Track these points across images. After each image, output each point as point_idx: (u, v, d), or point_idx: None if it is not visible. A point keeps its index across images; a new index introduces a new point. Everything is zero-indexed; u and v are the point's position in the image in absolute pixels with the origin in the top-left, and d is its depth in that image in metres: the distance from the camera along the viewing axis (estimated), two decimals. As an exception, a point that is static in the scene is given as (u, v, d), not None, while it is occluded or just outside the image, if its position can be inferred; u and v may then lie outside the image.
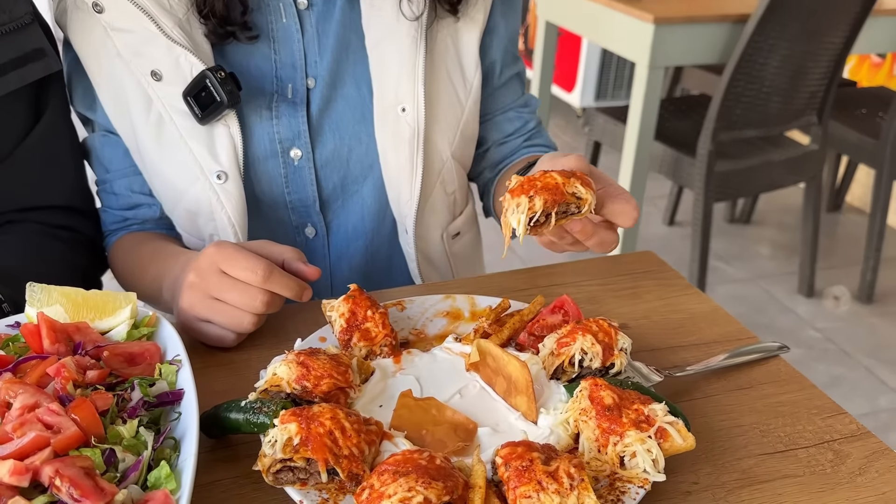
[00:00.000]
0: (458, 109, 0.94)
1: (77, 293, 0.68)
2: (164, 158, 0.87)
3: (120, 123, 0.89)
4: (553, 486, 0.52)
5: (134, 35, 0.84)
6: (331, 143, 0.91)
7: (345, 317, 0.69)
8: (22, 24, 0.85)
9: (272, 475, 0.55)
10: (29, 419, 0.55)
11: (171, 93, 0.84)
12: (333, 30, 0.90)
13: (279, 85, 0.89)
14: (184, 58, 0.83)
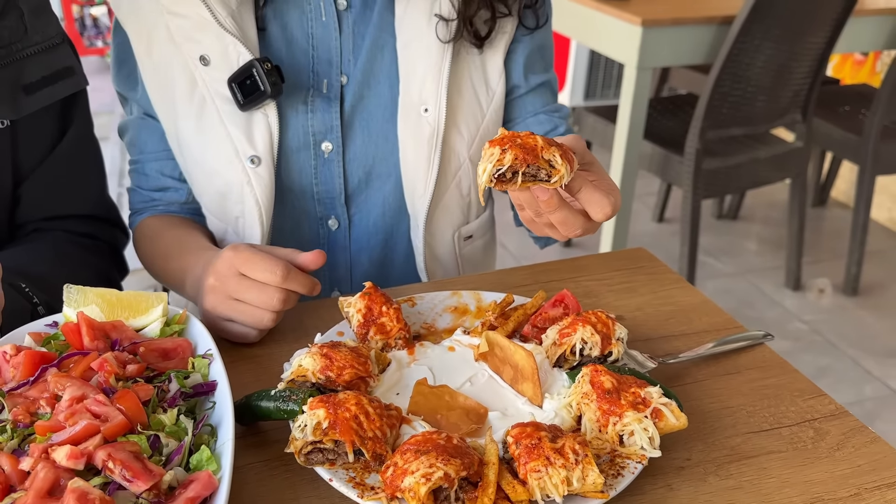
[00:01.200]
0: (479, 114, 0.98)
1: (111, 293, 0.73)
2: (202, 140, 0.92)
3: (161, 104, 0.94)
4: (560, 461, 0.57)
5: (188, 20, 0.89)
6: (359, 138, 0.96)
7: (361, 312, 0.75)
8: (53, 44, 0.90)
9: (304, 456, 0.60)
10: (78, 409, 0.60)
11: (216, 77, 0.90)
12: (369, 31, 0.95)
13: (315, 80, 0.95)
14: (233, 46, 0.89)
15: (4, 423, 0.60)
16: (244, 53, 0.88)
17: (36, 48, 0.89)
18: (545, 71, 1.05)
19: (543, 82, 1.04)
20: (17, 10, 0.88)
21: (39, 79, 0.90)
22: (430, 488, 0.55)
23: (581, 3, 2.51)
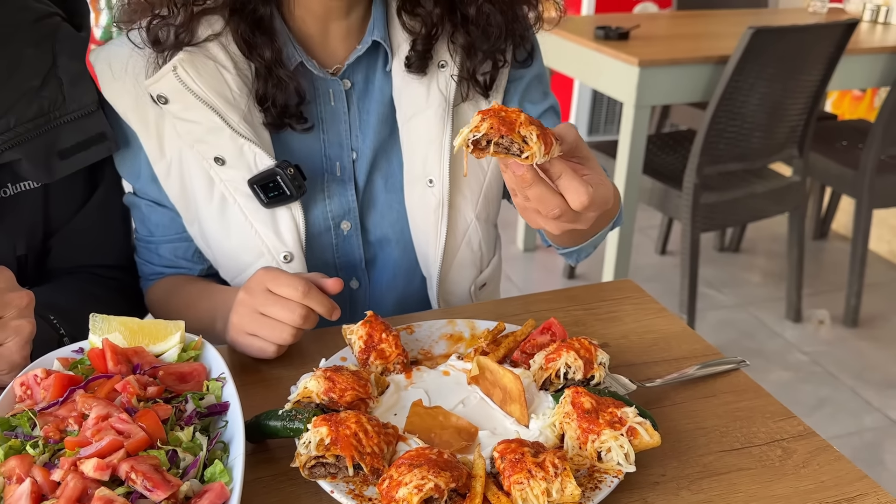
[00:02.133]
0: (481, 174, 1.02)
1: (133, 322, 0.80)
2: (229, 236, 0.96)
3: (180, 200, 0.97)
4: (541, 473, 0.63)
5: (199, 125, 0.91)
6: (374, 212, 1.02)
7: (363, 339, 0.81)
8: (89, 112, 0.95)
9: (307, 470, 0.66)
10: (104, 426, 0.66)
11: (234, 177, 0.92)
12: (374, 107, 0.99)
13: (328, 164, 0.99)
14: (248, 147, 0.91)
15: (36, 438, 0.66)
16: (260, 154, 0.91)
17: (72, 116, 0.95)
18: (545, 97, 1.08)
19: (546, 109, 1.07)
20: (57, 79, 0.94)
21: (74, 144, 0.96)
22: (421, 498, 0.60)
23: (581, 45, 2.60)
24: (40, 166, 0.93)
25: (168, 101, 0.91)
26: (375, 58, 0.99)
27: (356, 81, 0.99)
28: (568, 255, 1.06)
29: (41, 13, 0.97)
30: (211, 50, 0.91)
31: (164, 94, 0.91)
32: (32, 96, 0.92)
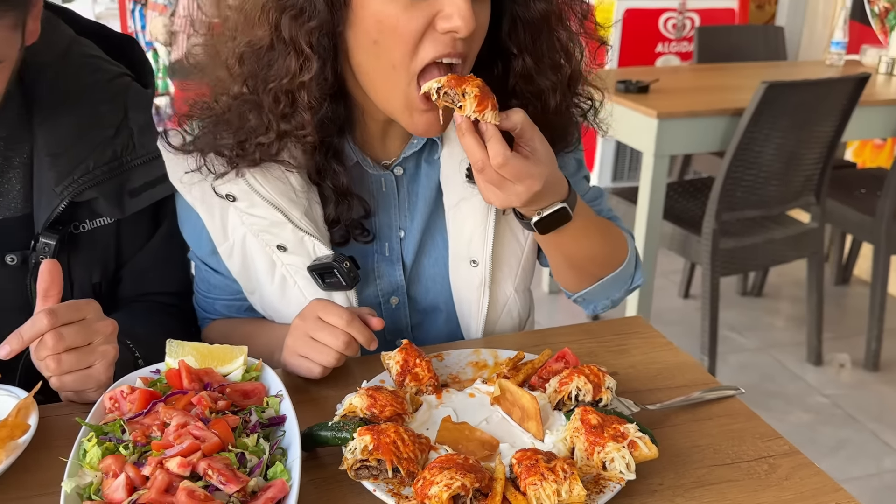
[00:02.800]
0: (519, 250, 1.09)
1: (203, 346, 0.92)
2: (288, 307, 1.05)
3: (242, 277, 1.07)
4: (552, 476, 0.73)
5: (264, 220, 1.00)
6: (420, 288, 1.11)
7: (399, 364, 0.93)
8: (155, 156, 1.08)
9: (353, 472, 0.77)
10: (183, 432, 0.78)
11: (294, 262, 1.02)
12: (422, 191, 1.08)
13: (378, 245, 1.08)
14: (308, 238, 1.00)
15: (126, 442, 0.79)
16: (319, 245, 1.00)
17: (141, 160, 1.09)
18: (579, 169, 1.16)
19: (580, 179, 1.15)
20: (128, 129, 1.09)
21: (142, 184, 1.10)
22: (450, 494, 0.72)
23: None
24: (114, 204, 1.07)
25: (236, 199, 1.01)
26: (425, 147, 1.07)
27: (407, 168, 1.08)
28: (582, 303, 1.16)
29: (114, 74, 1.13)
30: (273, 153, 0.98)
31: (232, 194, 1.00)
32: (107, 144, 1.07)
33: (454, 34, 0.87)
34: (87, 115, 1.07)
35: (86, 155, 1.05)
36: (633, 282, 1.16)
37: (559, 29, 0.97)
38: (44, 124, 1.06)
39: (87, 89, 1.08)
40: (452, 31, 0.87)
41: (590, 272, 1.09)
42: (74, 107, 1.07)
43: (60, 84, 1.07)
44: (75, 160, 1.05)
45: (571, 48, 0.99)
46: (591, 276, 1.10)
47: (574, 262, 1.08)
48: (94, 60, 1.12)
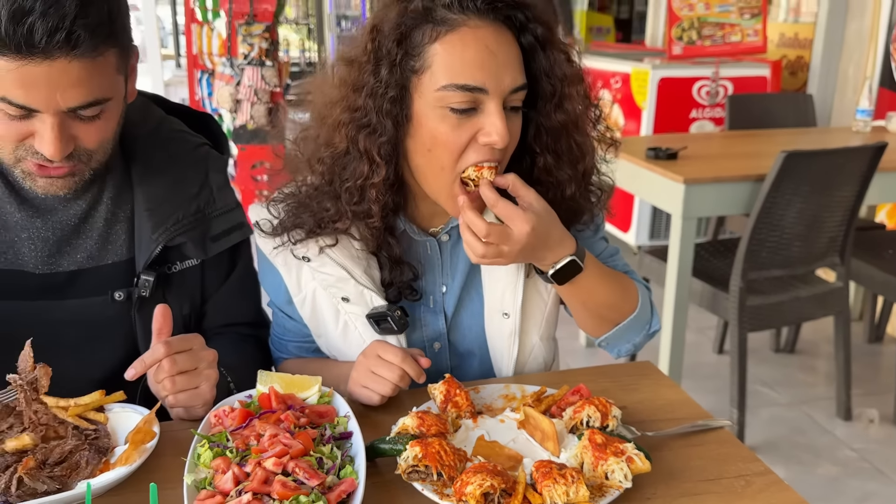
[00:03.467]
0: (543, 304, 1.30)
1: (286, 376, 1.15)
2: (350, 348, 1.27)
3: (312, 322, 1.29)
4: (562, 480, 0.93)
5: (331, 276, 1.23)
6: (459, 335, 1.32)
7: (443, 393, 1.14)
8: (231, 208, 1.34)
9: (406, 475, 0.98)
10: (274, 441, 1.00)
11: (355, 311, 1.23)
12: (462, 255, 1.27)
13: (424, 298, 1.29)
14: (366, 292, 1.22)
15: (231, 448, 1.01)
16: (376, 297, 1.22)
17: (220, 211, 1.32)
18: (595, 233, 1.33)
19: (597, 240, 1.35)
20: (209, 187, 1.33)
21: (221, 231, 1.33)
22: (481, 492, 0.91)
23: (635, 163, 2.95)
24: (198, 247, 1.30)
25: (310, 260, 1.24)
26: None
27: (451, 235, 1.28)
28: (606, 347, 1.35)
29: (196, 144, 1.37)
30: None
31: (307, 256, 1.24)
32: (193, 199, 1.30)
33: (493, 146, 1.10)
34: (176, 177, 1.30)
35: (175, 208, 1.28)
36: (651, 327, 1.35)
37: (575, 134, 1.19)
38: (142, 185, 1.28)
39: (176, 156, 1.32)
40: (491, 144, 1.10)
41: (606, 318, 1.29)
42: (166, 171, 1.30)
43: (155, 153, 1.30)
44: (167, 213, 1.27)
45: (585, 148, 1.21)
46: (609, 321, 1.29)
47: (590, 309, 1.27)
48: (180, 134, 1.36)
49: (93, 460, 1.01)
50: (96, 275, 1.28)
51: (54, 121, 1.06)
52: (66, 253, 1.26)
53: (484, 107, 1.10)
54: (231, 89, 4.88)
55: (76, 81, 1.04)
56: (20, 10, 0.98)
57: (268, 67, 4.78)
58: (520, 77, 1.12)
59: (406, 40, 1.10)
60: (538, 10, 1.13)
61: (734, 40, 4.20)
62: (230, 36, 4.77)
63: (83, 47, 1.02)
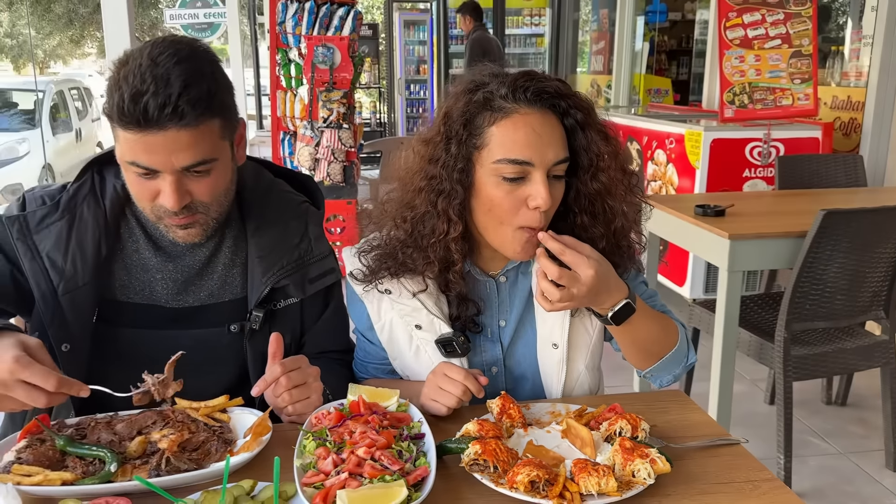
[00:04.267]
0: (588, 338, 1.50)
1: (370, 388, 1.40)
2: (419, 370, 1.50)
3: (389, 347, 1.53)
4: (595, 474, 1.14)
5: (407, 306, 1.47)
6: (515, 362, 1.53)
7: (499, 406, 1.37)
8: (325, 255, 1.59)
9: (468, 467, 1.21)
10: (364, 436, 1.25)
11: (425, 337, 1.46)
12: (518, 294, 1.50)
13: (484, 329, 1.50)
14: (436, 321, 1.45)
15: (330, 440, 1.26)
16: (444, 325, 1.45)
17: (316, 258, 1.57)
18: (636, 277, 1.58)
19: (638, 283, 1.59)
20: (308, 238, 1.57)
21: (317, 274, 1.56)
22: (529, 480, 1.14)
23: (684, 220, 3.15)
24: (298, 288, 1.55)
25: (391, 293, 1.49)
26: (521, 263, 1.51)
27: (509, 277, 1.52)
28: (650, 378, 1.56)
29: (299, 200, 1.62)
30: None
31: (389, 289, 1.49)
32: (295, 248, 1.54)
33: (538, 209, 1.35)
34: (282, 229, 1.55)
35: (281, 256, 1.53)
36: (688, 359, 1.55)
37: (608, 199, 1.43)
38: (254, 236, 1.54)
39: (282, 212, 1.57)
40: (537, 208, 1.35)
41: (652, 352, 1.49)
42: (273, 224, 1.55)
43: (265, 209, 1.56)
44: (275, 260, 1.52)
45: (616, 211, 1.44)
46: (654, 355, 1.50)
47: (638, 344, 1.48)
48: (286, 194, 1.62)
49: (220, 448, 1.28)
50: (216, 310, 1.56)
51: (172, 178, 1.32)
52: (192, 291, 1.54)
53: (531, 177, 1.34)
54: (311, 149, 5.29)
55: (185, 146, 1.29)
56: (138, 92, 1.24)
57: (344, 130, 5.18)
58: (561, 152, 1.36)
59: (470, 123, 1.37)
60: (577, 99, 1.39)
61: (785, 104, 4.38)
62: (311, 101, 5.20)
63: (188, 118, 1.27)
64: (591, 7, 9.45)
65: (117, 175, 1.47)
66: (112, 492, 1.14)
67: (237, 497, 1.11)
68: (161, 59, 1.26)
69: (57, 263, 1.42)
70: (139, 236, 1.51)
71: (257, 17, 12.11)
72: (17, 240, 1.43)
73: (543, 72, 1.40)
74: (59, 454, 1.23)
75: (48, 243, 1.44)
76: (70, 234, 1.45)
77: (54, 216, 1.45)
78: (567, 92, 1.37)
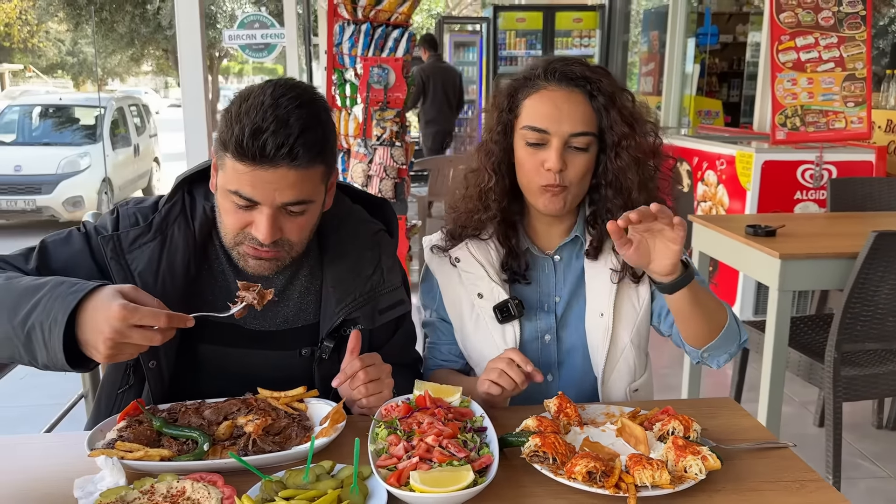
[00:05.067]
0: (634, 314, 1.65)
1: (435, 385, 1.50)
2: (478, 338, 1.66)
3: (453, 315, 1.69)
4: (650, 467, 1.22)
5: (472, 275, 1.66)
6: (566, 332, 1.66)
7: (556, 405, 1.45)
8: (396, 286, 1.61)
9: (528, 458, 1.30)
10: (431, 427, 1.34)
11: (485, 305, 1.63)
12: (571, 272, 1.67)
13: (539, 303, 1.67)
14: (496, 288, 1.63)
15: (400, 429, 1.36)
16: (501, 293, 1.63)
17: (387, 289, 1.58)
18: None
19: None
20: (381, 269, 1.59)
21: (387, 306, 1.58)
22: (587, 470, 1.22)
23: (736, 239, 3.19)
24: (368, 319, 1.56)
25: (460, 261, 1.68)
26: (575, 243, 1.69)
27: (563, 256, 1.68)
28: (708, 359, 1.61)
29: (375, 229, 1.65)
30: (483, 236, 1.70)
31: (458, 257, 1.68)
32: (367, 280, 1.56)
33: (551, 171, 1.55)
34: (356, 260, 1.57)
35: (354, 288, 1.55)
36: (741, 337, 1.64)
37: (629, 175, 1.60)
38: (330, 266, 1.56)
39: (358, 242, 1.59)
40: (549, 170, 1.55)
41: (711, 323, 1.54)
42: (348, 254, 1.57)
43: (341, 240, 1.58)
44: (347, 291, 1.54)
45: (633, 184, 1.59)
46: (712, 327, 1.55)
47: (700, 313, 1.52)
48: (362, 224, 1.64)
49: (300, 434, 1.39)
50: (290, 335, 1.58)
51: (270, 212, 1.36)
52: (269, 316, 1.59)
53: (549, 144, 1.56)
54: (364, 166, 5.45)
55: (291, 185, 1.34)
56: (258, 129, 1.30)
57: (397, 147, 5.34)
58: (579, 126, 1.55)
59: (513, 97, 1.62)
60: (602, 84, 1.57)
61: (838, 127, 4.38)
62: (366, 120, 5.37)
63: (300, 160, 1.32)
64: (641, 29, 9.52)
65: (206, 196, 1.54)
66: (206, 468, 1.25)
67: (319, 475, 1.22)
68: (283, 100, 1.33)
69: (148, 284, 1.45)
70: (223, 259, 1.55)
71: (312, 38, 12.47)
72: (111, 259, 1.47)
73: (582, 59, 1.64)
74: (155, 434, 1.36)
75: (140, 263, 1.48)
76: (161, 256, 1.49)
77: (147, 237, 1.49)
78: (592, 76, 1.57)
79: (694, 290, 1.48)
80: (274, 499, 1.15)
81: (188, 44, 3.41)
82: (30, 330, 1.27)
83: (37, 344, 1.27)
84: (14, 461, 1.38)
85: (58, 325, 1.24)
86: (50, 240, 1.53)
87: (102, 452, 1.26)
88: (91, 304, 1.25)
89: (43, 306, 1.27)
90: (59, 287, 1.29)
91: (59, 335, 1.24)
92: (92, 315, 1.24)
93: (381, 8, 5.47)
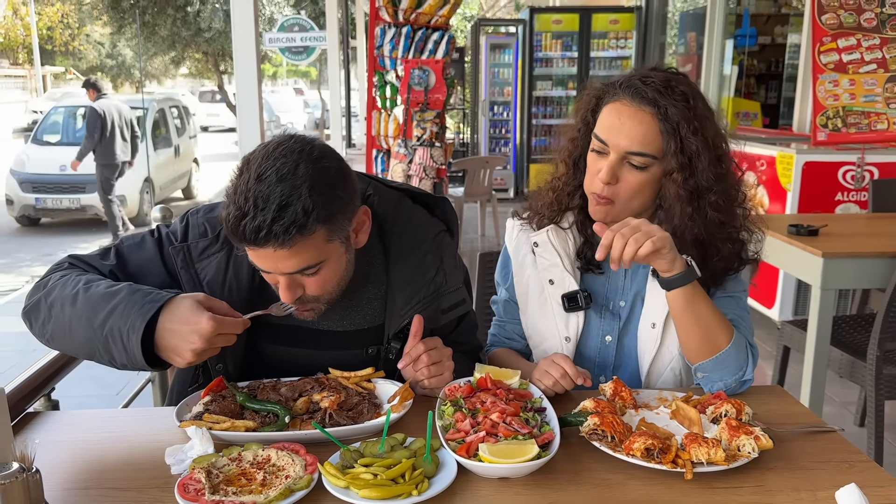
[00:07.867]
0: None
1: (493, 368, 1.58)
2: (542, 322, 1.73)
3: (521, 297, 1.78)
4: (705, 445, 1.29)
5: (547, 261, 1.73)
6: (625, 337, 1.72)
7: (612, 388, 1.53)
8: (458, 287, 1.64)
9: (588, 436, 1.37)
10: (494, 405, 1.42)
11: (554, 292, 1.71)
12: (636, 280, 1.72)
13: (605, 301, 1.73)
14: (567, 277, 1.70)
15: (464, 407, 1.44)
16: (572, 282, 1.70)
17: (449, 290, 1.61)
18: (731, 291, 1.73)
19: (726, 297, 1.71)
20: (443, 270, 1.60)
21: (449, 305, 1.62)
22: (645, 447, 1.29)
23: (778, 238, 3.23)
24: (432, 319, 1.58)
25: (538, 246, 1.76)
26: None
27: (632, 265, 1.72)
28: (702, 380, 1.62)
29: (437, 230, 1.65)
30: (564, 224, 1.78)
31: (538, 242, 1.76)
32: (430, 282, 1.59)
33: (601, 181, 1.60)
34: (419, 263, 1.60)
35: (418, 290, 1.58)
36: (744, 375, 1.63)
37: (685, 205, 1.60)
38: (394, 269, 1.60)
39: (420, 245, 1.61)
40: (600, 181, 1.61)
41: (707, 341, 1.57)
42: (411, 257, 1.59)
43: (404, 244, 1.60)
44: (412, 293, 1.58)
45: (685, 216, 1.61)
46: (708, 345, 1.57)
47: (691, 324, 1.56)
48: (423, 226, 1.65)
49: (371, 410, 1.48)
50: (356, 335, 1.64)
51: (283, 279, 1.41)
52: (337, 318, 1.62)
53: (608, 155, 1.60)
54: (404, 166, 5.56)
55: (286, 258, 1.36)
56: (239, 214, 1.32)
57: (436, 148, 5.44)
58: (636, 145, 1.57)
59: (599, 99, 1.67)
60: (670, 110, 1.55)
61: (880, 128, 4.38)
62: (406, 121, 5.47)
63: (281, 240, 1.32)
64: (678, 30, 9.51)
65: None
66: (288, 438, 1.35)
67: (392, 446, 1.31)
68: (266, 174, 1.32)
69: (215, 293, 1.51)
70: None
71: (350, 41, 12.63)
72: (181, 268, 1.55)
73: (675, 71, 1.65)
74: (238, 408, 1.46)
75: (209, 273, 1.54)
76: (228, 267, 1.55)
77: (214, 248, 1.56)
78: (660, 100, 1.55)
79: (693, 297, 1.54)
80: (353, 465, 1.25)
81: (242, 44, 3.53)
82: (108, 334, 1.39)
83: (114, 346, 1.40)
84: (105, 433, 1.49)
85: (136, 332, 1.37)
86: (126, 243, 1.62)
87: (192, 423, 1.36)
88: (169, 314, 1.38)
89: (120, 313, 1.39)
90: (134, 295, 1.42)
91: (136, 340, 1.37)
92: (175, 326, 1.37)
93: (421, 11, 5.58)
